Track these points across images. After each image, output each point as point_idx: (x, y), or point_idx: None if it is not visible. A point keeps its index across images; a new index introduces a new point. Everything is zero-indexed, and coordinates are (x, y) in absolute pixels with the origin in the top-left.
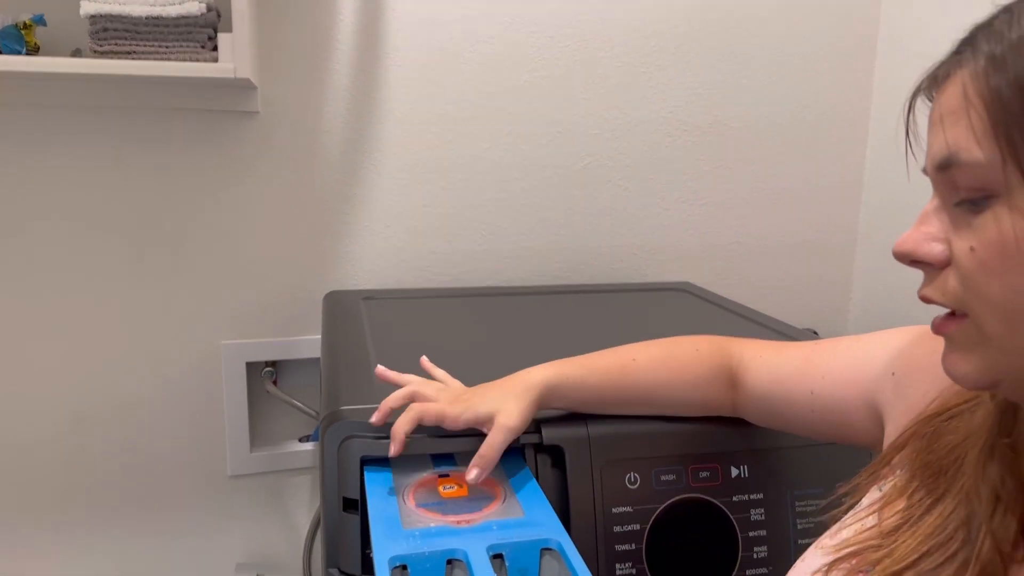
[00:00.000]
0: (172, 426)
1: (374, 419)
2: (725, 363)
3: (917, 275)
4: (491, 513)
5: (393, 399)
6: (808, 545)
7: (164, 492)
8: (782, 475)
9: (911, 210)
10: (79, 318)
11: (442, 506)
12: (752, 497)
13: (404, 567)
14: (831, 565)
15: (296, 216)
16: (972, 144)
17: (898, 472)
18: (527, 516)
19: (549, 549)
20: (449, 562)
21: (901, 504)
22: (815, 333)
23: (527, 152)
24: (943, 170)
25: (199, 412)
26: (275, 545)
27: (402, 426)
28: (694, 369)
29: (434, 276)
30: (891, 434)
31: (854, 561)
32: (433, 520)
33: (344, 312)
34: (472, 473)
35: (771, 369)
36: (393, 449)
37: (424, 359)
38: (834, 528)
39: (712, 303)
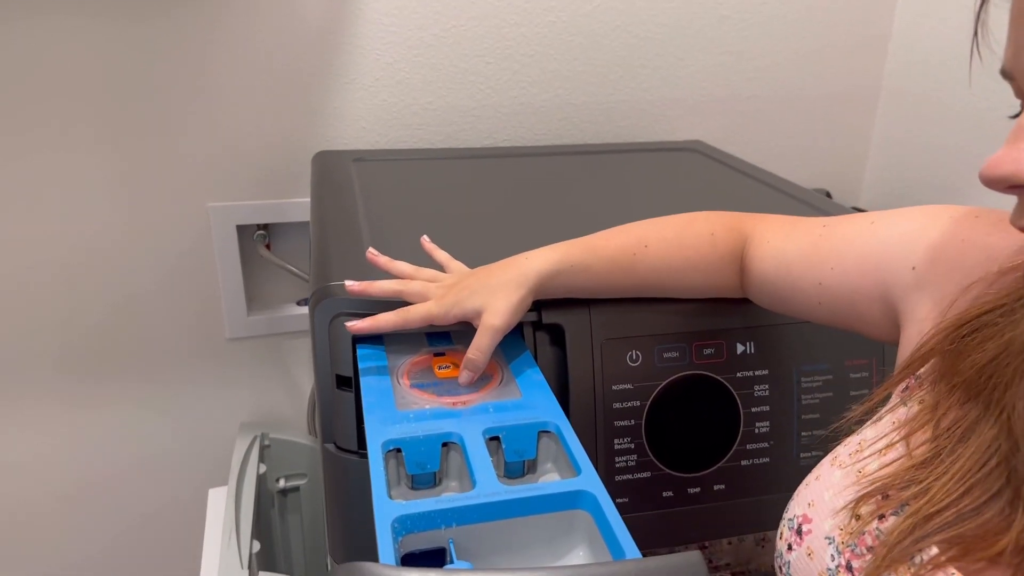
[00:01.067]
0: (168, 290)
1: (351, 287)
2: (738, 249)
3: (939, 137)
4: (487, 395)
5: (379, 290)
6: (815, 419)
7: (165, 355)
8: (788, 351)
9: (941, 68)
10: (62, 184)
11: (437, 387)
12: (756, 373)
13: (398, 450)
14: (856, 502)
15: (279, 69)
16: None
17: (924, 388)
18: (524, 398)
19: (547, 432)
20: (444, 445)
21: (928, 431)
22: (828, 194)
23: None
24: None
25: (194, 277)
26: (279, 404)
27: (383, 323)
28: (707, 257)
29: (428, 135)
30: (912, 337)
31: (881, 498)
32: (428, 401)
33: (333, 176)
34: (463, 376)
35: (777, 256)
36: (360, 325)
37: (425, 240)
38: (853, 439)
39: (723, 163)
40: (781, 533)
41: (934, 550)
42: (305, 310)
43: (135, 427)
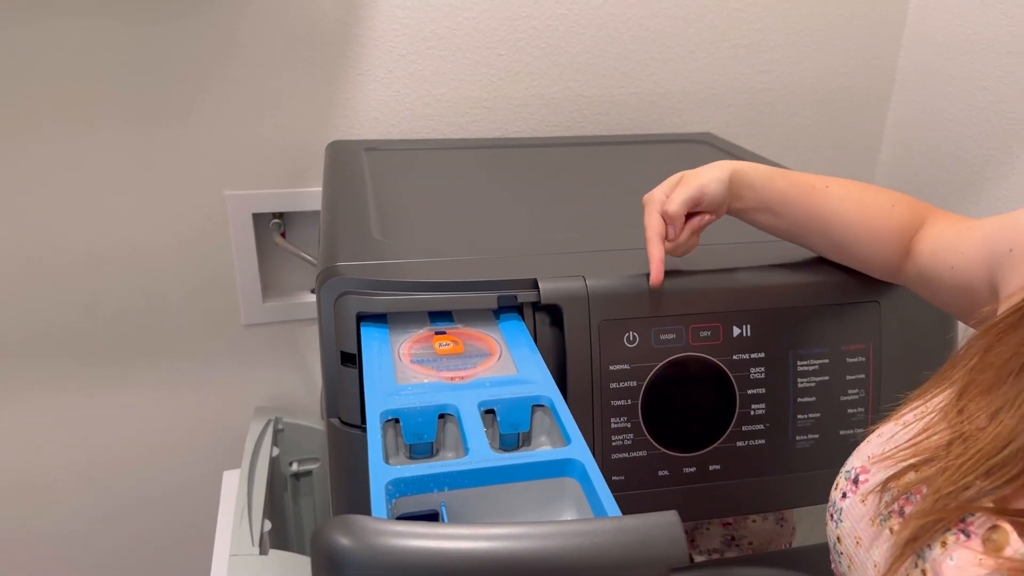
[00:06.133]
0: (185, 276)
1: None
2: (912, 228)
3: (952, 131)
4: (485, 370)
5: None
6: (811, 402)
7: (183, 340)
8: (784, 335)
9: (954, 62)
10: (87, 174)
11: (436, 362)
12: (753, 356)
13: (396, 420)
14: (884, 484)
15: (295, 61)
16: None
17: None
18: (520, 373)
19: (541, 406)
20: (441, 416)
21: (954, 415)
22: None
23: None
24: None
25: (211, 264)
26: (293, 390)
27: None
28: (882, 222)
29: (440, 125)
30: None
31: (905, 479)
32: (427, 376)
33: (345, 164)
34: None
35: (935, 241)
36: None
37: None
38: (919, 403)
39: (733, 156)
40: (837, 484)
41: (985, 500)
42: None
43: (154, 410)
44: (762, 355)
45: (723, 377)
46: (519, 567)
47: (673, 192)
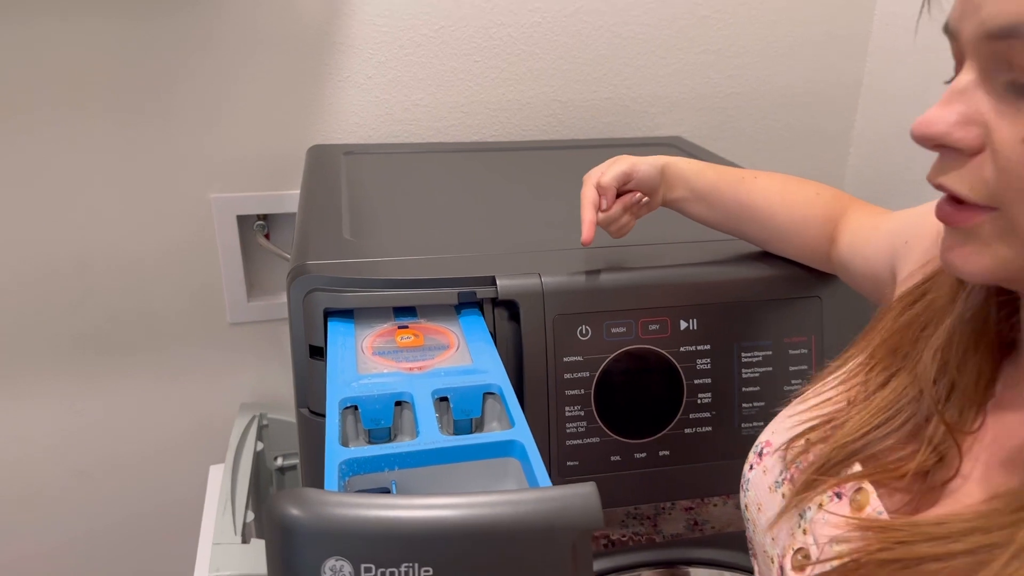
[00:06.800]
0: (172, 276)
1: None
2: (835, 218)
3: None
4: (442, 361)
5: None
6: (755, 391)
7: (170, 339)
8: (729, 328)
9: (920, 65)
10: (75, 177)
11: (397, 354)
12: (699, 348)
13: (355, 407)
14: (789, 442)
15: (277, 68)
16: None
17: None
18: (475, 364)
19: (492, 393)
20: (398, 404)
21: (860, 379)
22: None
23: None
24: (997, 39)
25: (197, 264)
26: (277, 386)
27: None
28: (806, 210)
29: (419, 130)
30: None
31: (811, 435)
32: (387, 367)
33: (323, 167)
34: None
35: (853, 232)
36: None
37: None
38: (805, 395)
39: (700, 159)
40: (748, 459)
41: (856, 467)
42: None
43: (142, 407)
44: (708, 347)
45: (671, 368)
46: (451, 532)
47: (608, 168)
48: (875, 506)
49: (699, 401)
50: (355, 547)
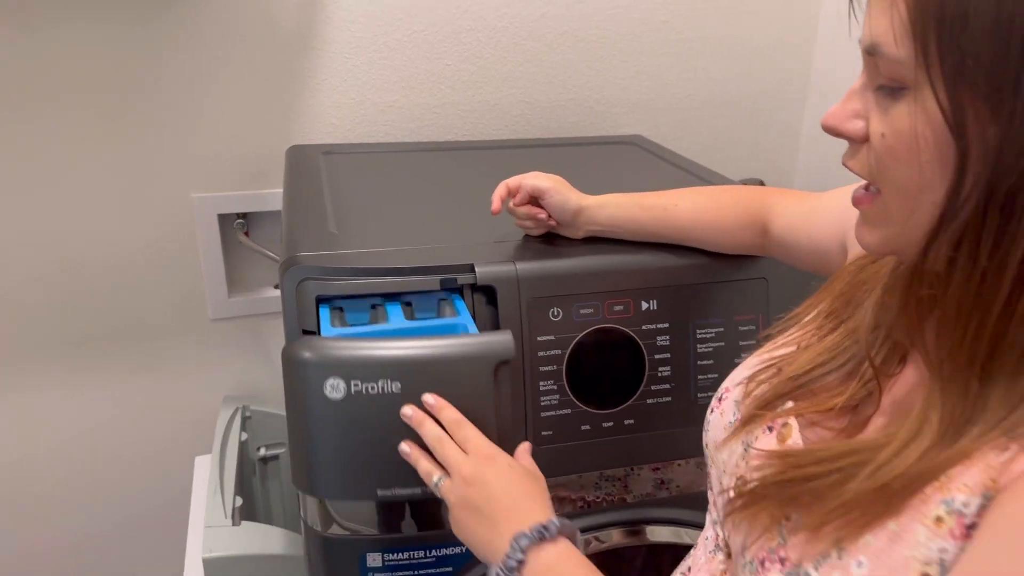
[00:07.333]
0: (157, 275)
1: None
2: (759, 213)
3: None
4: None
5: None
6: (710, 364)
7: (154, 335)
8: (686, 308)
9: (861, 65)
10: (61, 179)
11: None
12: (659, 326)
13: (341, 309)
14: (751, 376)
15: (257, 71)
16: (892, 39)
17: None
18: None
19: (445, 300)
20: (374, 308)
21: (813, 327)
22: (761, 182)
23: (483, 2)
24: (869, 54)
25: (180, 262)
26: (259, 380)
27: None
28: (730, 219)
29: (393, 130)
30: None
31: (761, 376)
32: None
33: (304, 166)
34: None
35: (788, 217)
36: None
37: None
38: (768, 344)
39: (660, 157)
40: (711, 403)
41: (789, 403)
42: None
43: (127, 402)
44: (667, 325)
45: (634, 345)
46: (412, 358)
47: (528, 177)
48: (796, 439)
49: (659, 374)
50: (346, 370)
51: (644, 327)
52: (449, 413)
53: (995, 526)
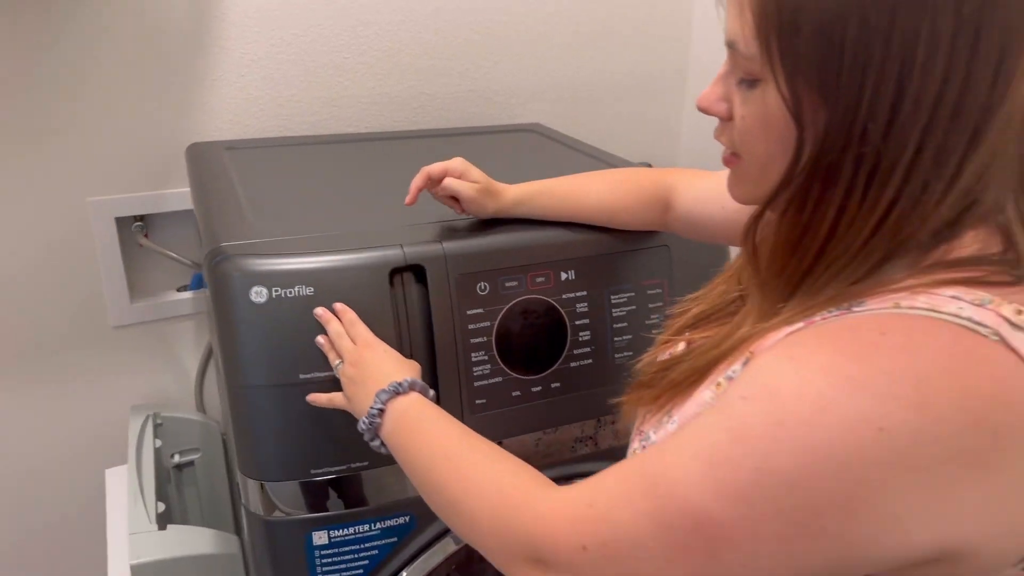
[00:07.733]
0: (53, 283)
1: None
2: (662, 192)
3: None
4: None
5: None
6: (624, 327)
7: (53, 346)
8: (600, 277)
9: None
10: None
11: None
12: (578, 295)
13: None
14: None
15: (150, 69)
16: (742, 38)
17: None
18: None
19: None
20: None
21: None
22: (648, 165)
23: None
24: (729, 48)
25: (77, 269)
26: (167, 386)
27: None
28: (634, 200)
29: (294, 124)
30: None
31: (674, 324)
32: None
33: (209, 163)
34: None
35: (695, 192)
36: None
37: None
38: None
39: (558, 142)
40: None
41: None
42: (187, 295)
43: (28, 417)
44: (584, 293)
45: (556, 313)
46: (321, 270)
47: (458, 182)
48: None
49: (580, 339)
50: (267, 278)
51: (564, 296)
52: (348, 315)
53: (735, 382)
